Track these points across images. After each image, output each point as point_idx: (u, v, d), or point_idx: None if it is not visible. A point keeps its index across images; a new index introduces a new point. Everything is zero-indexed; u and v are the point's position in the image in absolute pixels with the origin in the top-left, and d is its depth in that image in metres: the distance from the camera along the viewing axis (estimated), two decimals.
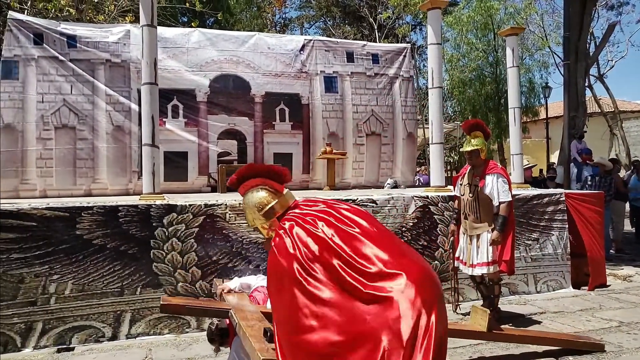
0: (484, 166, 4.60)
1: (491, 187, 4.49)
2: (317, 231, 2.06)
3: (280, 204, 2.34)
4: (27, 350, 4.05)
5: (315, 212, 2.17)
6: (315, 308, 1.91)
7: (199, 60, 7.96)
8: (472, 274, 4.66)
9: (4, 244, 4.07)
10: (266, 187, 2.37)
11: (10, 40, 7.35)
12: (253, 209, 2.36)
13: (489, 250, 4.46)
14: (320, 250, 2.00)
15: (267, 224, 2.36)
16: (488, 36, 16.03)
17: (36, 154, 7.23)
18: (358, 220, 2.13)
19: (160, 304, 3.15)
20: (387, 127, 8.58)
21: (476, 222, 4.54)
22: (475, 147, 4.58)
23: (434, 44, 5.88)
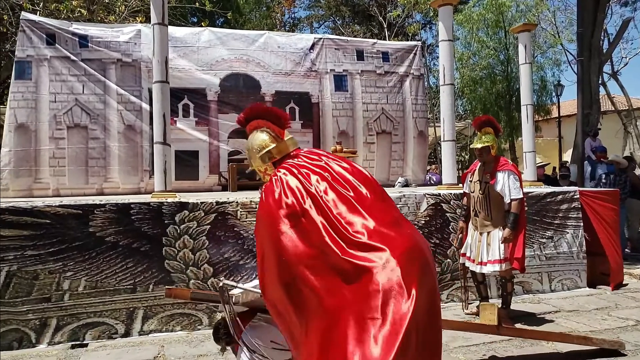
0: (495, 163, 4.56)
1: (502, 184, 4.44)
2: (308, 185, 1.98)
3: (279, 149, 2.24)
4: (42, 346, 4.08)
5: (312, 166, 2.08)
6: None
7: (210, 59, 7.99)
8: (481, 271, 4.60)
9: (19, 241, 4.11)
10: (268, 130, 2.28)
11: (23, 40, 7.43)
12: (252, 151, 2.30)
13: (501, 248, 4.41)
14: (308, 204, 1.93)
15: (263, 167, 2.29)
16: (499, 34, 15.91)
17: (49, 153, 7.30)
18: (354, 183, 2.02)
19: (165, 288, 3.15)
20: (398, 125, 8.55)
21: (487, 219, 4.50)
22: (486, 144, 4.53)
23: (446, 41, 5.83)
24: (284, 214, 1.91)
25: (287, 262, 1.88)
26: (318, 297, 1.80)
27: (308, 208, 1.91)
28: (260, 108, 2.35)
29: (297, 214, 1.91)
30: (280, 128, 2.30)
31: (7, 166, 7.19)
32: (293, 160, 2.16)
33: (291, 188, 1.97)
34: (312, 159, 2.13)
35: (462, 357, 3.76)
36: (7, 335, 4.06)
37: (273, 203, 1.97)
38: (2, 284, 4.07)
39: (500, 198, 4.45)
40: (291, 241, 1.88)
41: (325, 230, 1.86)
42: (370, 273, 1.74)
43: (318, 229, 1.87)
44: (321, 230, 1.86)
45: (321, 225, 1.87)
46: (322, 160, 2.12)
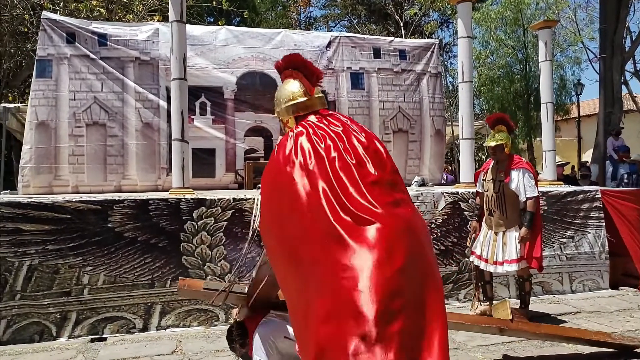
0: (509, 161, 4.49)
1: (517, 183, 4.37)
2: (319, 148, 1.99)
3: (305, 104, 2.22)
4: (62, 339, 4.14)
5: (330, 131, 2.07)
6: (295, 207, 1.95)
7: (226, 57, 8.01)
8: (497, 271, 4.53)
9: (40, 236, 4.17)
10: (300, 82, 2.25)
11: (44, 39, 7.53)
12: (279, 99, 2.30)
13: (517, 247, 4.34)
14: (313, 166, 1.95)
15: (286, 119, 2.28)
16: (517, 32, 15.73)
17: (68, 151, 7.38)
18: (364, 158, 2.00)
19: (178, 282, 3.17)
20: (415, 124, 8.48)
21: (502, 218, 4.43)
22: (500, 142, 4.46)
23: (464, 38, 5.77)
24: (290, 171, 1.96)
25: (282, 214, 1.97)
26: (302, 258, 1.88)
27: (312, 170, 1.94)
28: (298, 59, 2.32)
29: (301, 174, 1.95)
30: (312, 85, 2.27)
31: (28, 163, 7.29)
32: (315, 119, 2.14)
33: (302, 148, 2.00)
34: (333, 124, 2.11)
35: (481, 356, 3.72)
36: (29, 328, 4.13)
37: (282, 159, 2.01)
38: (24, 277, 4.14)
39: (515, 197, 4.38)
40: (290, 197, 1.94)
41: (324, 194, 1.89)
42: (349, 249, 1.77)
43: (317, 192, 1.90)
44: (320, 193, 1.89)
45: (321, 189, 1.90)
46: (341, 127, 2.10)
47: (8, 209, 4.13)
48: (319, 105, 2.24)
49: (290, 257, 1.94)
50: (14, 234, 4.14)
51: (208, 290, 3.26)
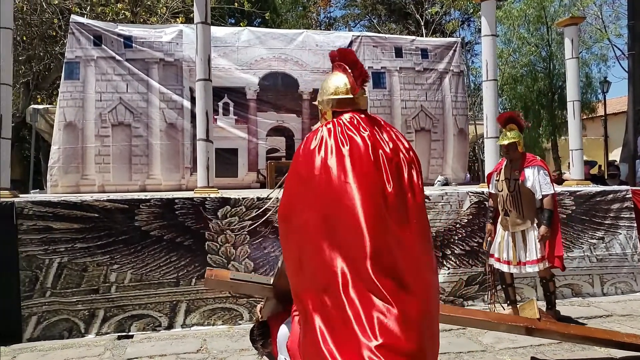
0: (522, 159, 4.41)
1: (532, 181, 4.29)
2: (343, 148, 1.97)
3: (345, 101, 2.17)
4: (90, 336, 4.22)
5: (356, 134, 2.02)
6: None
7: (249, 58, 8.06)
8: (520, 272, 4.44)
9: (70, 234, 4.25)
10: (347, 78, 2.20)
11: (72, 42, 7.69)
12: (324, 88, 2.26)
13: (537, 247, 4.25)
14: (333, 163, 1.95)
15: (324, 110, 2.25)
16: (541, 30, 15.43)
17: (95, 151, 7.52)
18: (384, 168, 1.96)
19: (206, 271, 3.20)
20: (437, 123, 8.40)
21: (519, 217, 4.34)
22: (513, 140, 4.38)
23: (488, 36, 5.69)
24: (311, 165, 1.97)
25: (294, 208, 2.02)
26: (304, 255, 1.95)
27: (331, 166, 1.94)
28: (350, 57, 2.27)
29: (320, 170, 1.95)
30: (356, 85, 2.21)
31: (57, 163, 7.46)
32: (348, 119, 2.10)
33: (326, 145, 1.99)
34: (362, 128, 2.05)
35: (509, 359, 3.65)
36: (58, 324, 4.22)
37: (306, 153, 2.02)
38: (54, 275, 4.23)
39: (531, 195, 4.30)
40: (309, 190, 1.96)
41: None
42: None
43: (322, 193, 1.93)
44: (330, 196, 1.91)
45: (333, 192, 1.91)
46: (367, 132, 2.03)
47: (39, 208, 4.23)
48: (360, 105, 2.20)
49: (300, 257, 1.98)
50: (44, 232, 4.23)
51: (235, 281, 3.27)
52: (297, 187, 2.04)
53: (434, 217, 4.98)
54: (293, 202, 2.04)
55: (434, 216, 5.00)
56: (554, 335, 3.63)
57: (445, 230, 5.07)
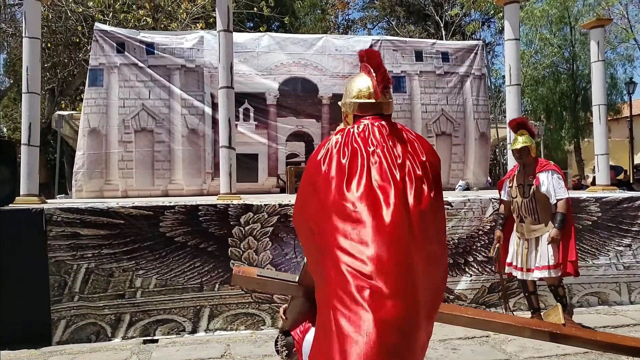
0: (535, 164, 4.36)
1: (547, 185, 4.23)
2: (348, 163, 1.90)
3: (367, 105, 2.10)
4: (117, 340, 4.30)
5: (362, 146, 1.94)
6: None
7: (269, 64, 8.13)
8: (528, 278, 4.36)
9: (97, 240, 4.34)
10: (371, 82, 2.11)
11: (96, 49, 7.86)
12: (348, 90, 2.20)
13: (550, 253, 4.17)
14: (332, 178, 1.89)
15: (345, 113, 2.20)
16: (564, 30, 15.19)
17: (118, 156, 7.67)
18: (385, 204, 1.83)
19: (234, 268, 3.22)
20: (458, 127, 8.34)
21: (534, 223, 4.27)
22: (525, 144, 4.35)
23: (512, 40, 5.63)
24: (316, 176, 1.94)
25: (303, 215, 2.01)
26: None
27: (332, 179, 1.89)
28: (374, 60, 2.16)
29: (323, 183, 1.90)
30: (378, 90, 2.11)
31: (81, 168, 7.63)
32: (359, 129, 2.01)
33: (331, 157, 1.94)
34: (372, 140, 1.97)
35: None
36: (86, 328, 4.31)
37: (310, 162, 2.02)
38: (81, 280, 4.33)
39: (546, 200, 4.23)
40: (313, 199, 1.94)
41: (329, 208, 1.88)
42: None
43: (327, 206, 1.87)
44: (328, 208, 1.86)
45: (331, 205, 1.85)
46: (373, 148, 1.95)
47: (67, 214, 4.33)
48: (383, 110, 2.12)
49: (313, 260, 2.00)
50: (72, 238, 4.33)
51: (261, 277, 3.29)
52: (305, 196, 2.03)
53: (456, 224, 4.95)
54: (302, 208, 2.05)
55: (456, 223, 4.97)
56: (580, 342, 3.55)
57: (467, 237, 5.03)
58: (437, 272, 1.90)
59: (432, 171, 1.97)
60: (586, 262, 5.21)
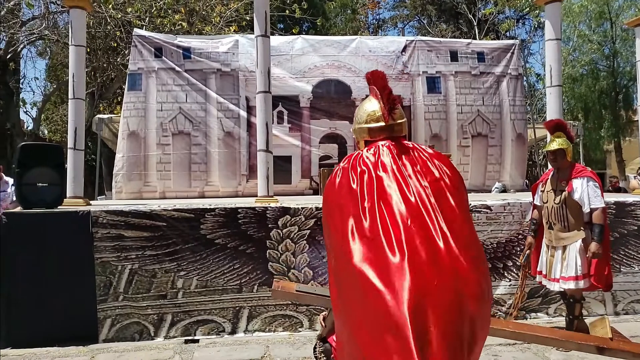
0: (570, 169, 4.14)
1: (581, 192, 4.01)
2: (360, 188, 1.88)
3: (376, 130, 2.08)
4: (159, 339, 4.42)
5: (371, 171, 1.92)
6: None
7: (303, 66, 8.18)
8: (554, 289, 4.21)
9: (140, 242, 4.47)
10: (380, 105, 2.09)
11: (135, 54, 8.08)
12: (356, 117, 2.19)
13: (578, 263, 3.98)
14: (342, 206, 1.89)
15: (357, 139, 2.19)
16: (604, 26, 14.71)
17: (156, 159, 7.86)
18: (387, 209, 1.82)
19: (273, 283, 3.28)
20: (495, 127, 8.21)
21: (563, 231, 4.09)
22: (561, 147, 4.13)
23: (553, 40, 5.50)
24: (330, 200, 1.96)
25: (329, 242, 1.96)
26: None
27: (344, 205, 1.88)
28: (379, 82, 2.11)
29: (334, 207, 1.92)
30: (387, 112, 2.09)
31: (121, 170, 7.85)
32: (369, 154, 2.00)
33: (341, 184, 1.94)
34: (380, 165, 1.95)
35: None
36: (130, 327, 4.44)
37: (328, 185, 2.01)
38: (126, 280, 4.46)
39: (578, 208, 4.03)
40: (327, 225, 1.96)
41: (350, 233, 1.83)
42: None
43: (345, 228, 1.83)
44: (347, 232, 1.82)
45: (350, 227, 1.82)
46: (389, 176, 1.90)
47: (112, 217, 4.47)
48: (395, 133, 2.08)
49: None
50: (117, 240, 4.47)
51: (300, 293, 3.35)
52: (324, 218, 2.03)
53: (495, 228, 4.88)
54: (325, 225, 2.04)
55: (496, 227, 4.89)
56: (628, 356, 3.46)
57: (506, 241, 4.95)
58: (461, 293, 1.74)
59: (452, 185, 1.92)
60: (632, 268, 5.05)
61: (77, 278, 4.43)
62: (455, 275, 1.69)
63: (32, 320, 4.33)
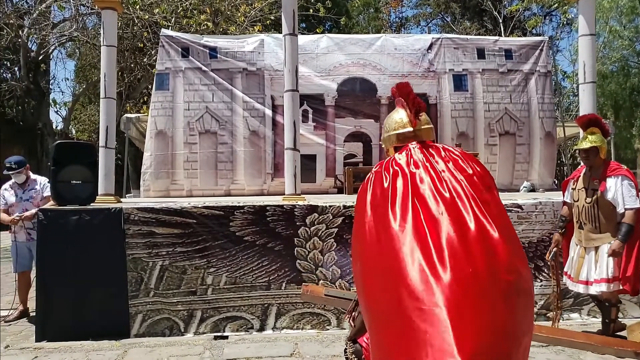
0: (604, 167, 3.99)
1: (614, 192, 3.87)
2: (392, 193, 1.86)
3: (404, 135, 2.11)
4: (189, 335, 4.47)
5: (400, 169, 1.92)
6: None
7: (328, 65, 8.18)
8: (587, 292, 4.08)
9: (171, 239, 4.54)
10: (405, 112, 2.14)
11: (162, 54, 8.20)
12: (384, 127, 2.23)
13: (610, 265, 3.86)
14: (375, 211, 1.87)
15: (386, 147, 2.22)
16: (635, 22, 14.35)
17: (183, 157, 7.96)
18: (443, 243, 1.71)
19: (302, 287, 3.28)
20: (523, 126, 8.07)
21: (594, 232, 3.96)
22: (594, 144, 3.97)
23: (587, 35, 5.37)
24: (361, 208, 1.94)
25: (356, 252, 1.95)
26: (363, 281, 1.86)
27: (372, 213, 1.87)
28: (403, 89, 2.19)
29: (365, 213, 1.90)
30: (413, 116, 2.14)
31: (149, 169, 7.97)
32: (409, 150, 2.01)
33: (374, 185, 1.94)
34: (426, 158, 1.95)
35: None
36: (161, 323, 4.51)
37: (360, 193, 2.00)
38: (156, 276, 4.53)
39: (611, 208, 3.89)
40: (357, 234, 1.93)
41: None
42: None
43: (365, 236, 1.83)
44: (378, 230, 1.81)
45: (383, 224, 1.80)
46: (424, 173, 1.89)
47: (144, 214, 4.55)
48: (422, 137, 2.11)
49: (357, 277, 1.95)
50: (148, 237, 4.55)
51: (329, 297, 3.36)
52: (355, 223, 2.01)
53: (527, 227, 4.80)
54: (355, 232, 2.01)
55: (527, 226, 4.81)
56: None
57: (538, 241, 4.85)
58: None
59: (482, 183, 1.90)
60: None
61: (109, 274, 4.52)
62: (493, 263, 1.66)
63: (67, 314, 4.44)
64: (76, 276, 4.45)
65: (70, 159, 4.71)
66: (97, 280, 4.47)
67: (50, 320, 4.43)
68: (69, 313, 4.43)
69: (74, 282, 4.44)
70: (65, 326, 4.41)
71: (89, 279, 4.45)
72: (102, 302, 4.46)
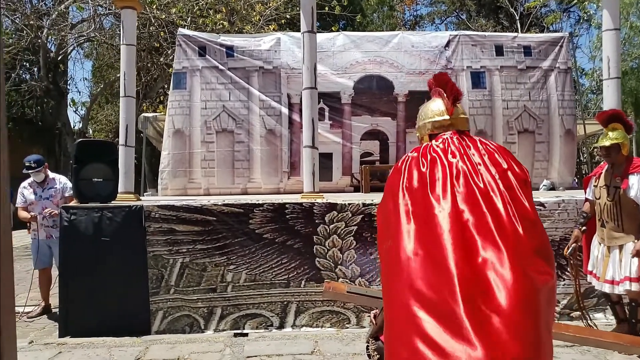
0: (626, 164, 3.90)
1: (637, 189, 3.79)
2: (423, 182, 1.85)
3: (440, 123, 2.10)
4: (209, 332, 4.50)
5: (439, 157, 1.91)
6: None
7: (344, 63, 8.15)
8: (613, 291, 3.99)
9: (191, 236, 4.56)
10: (442, 101, 2.12)
11: (179, 54, 8.24)
12: (420, 115, 2.23)
13: (634, 264, 3.77)
14: (414, 190, 1.85)
15: (421, 135, 2.22)
16: None
17: (201, 156, 8.00)
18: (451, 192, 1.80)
19: (324, 284, 3.26)
20: (542, 123, 7.94)
21: (616, 230, 3.88)
22: (615, 141, 3.87)
23: (611, 30, 5.27)
24: (391, 194, 1.92)
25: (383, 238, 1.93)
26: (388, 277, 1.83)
27: (409, 195, 1.86)
28: (441, 78, 2.20)
29: (397, 195, 1.88)
30: (451, 105, 2.13)
31: (166, 167, 8.03)
32: (443, 142, 1.99)
33: (410, 169, 1.93)
34: (463, 149, 1.93)
35: None
36: (181, 320, 4.54)
37: (390, 179, 1.98)
38: (177, 274, 4.56)
39: (633, 205, 3.81)
40: (383, 220, 1.94)
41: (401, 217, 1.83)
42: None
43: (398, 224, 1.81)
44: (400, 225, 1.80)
45: (423, 209, 1.80)
46: (460, 164, 1.88)
47: (164, 211, 4.58)
48: (458, 127, 2.10)
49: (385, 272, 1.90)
50: (169, 234, 4.58)
51: (351, 294, 3.34)
52: (387, 203, 1.96)
53: (549, 225, 4.72)
54: (383, 224, 1.99)
55: (550, 225, 4.73)
56: None
57: (561, 239, 4.78)
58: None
59: (517, 179, 1.88)
60: None
61: (130, 271, 4.56)
62: (521, 252, 1.68)
63: (89, 311, 4.49)
64: (98, 273, 4.50)
65: (91, 157, 4.76)
66: (118, 277, 4.52)
67: (72, 317, 4.49)
68: (91, 309, 4.48)
69: (95, 279, 4.49)
70: (87, 322, 4.46)
71: (111, 276, 4.50)
72: (123, 299, 4.51)
